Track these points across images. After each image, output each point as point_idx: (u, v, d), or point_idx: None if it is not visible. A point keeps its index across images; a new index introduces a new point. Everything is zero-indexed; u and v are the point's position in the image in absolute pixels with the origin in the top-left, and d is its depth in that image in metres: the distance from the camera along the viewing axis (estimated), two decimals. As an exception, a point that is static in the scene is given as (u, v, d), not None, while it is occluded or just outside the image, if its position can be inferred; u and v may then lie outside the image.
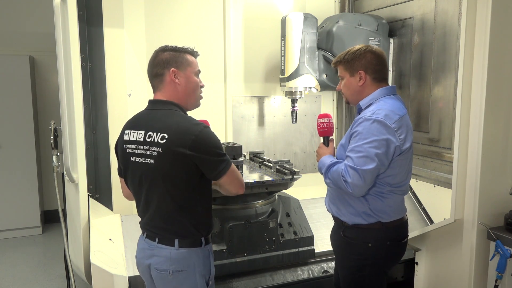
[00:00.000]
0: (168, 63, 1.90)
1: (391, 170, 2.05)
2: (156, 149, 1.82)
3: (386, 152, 1.98)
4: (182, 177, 1.83)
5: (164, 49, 1.94)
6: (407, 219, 2.27)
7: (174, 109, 1.90)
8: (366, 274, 2.15)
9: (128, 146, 1.93)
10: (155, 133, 1.83)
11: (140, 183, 1.92)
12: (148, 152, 1.85)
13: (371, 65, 2.12)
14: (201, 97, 2.04)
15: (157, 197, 1.88)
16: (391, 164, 2.03)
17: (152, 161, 1.84)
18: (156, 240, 1.93)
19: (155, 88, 1.96)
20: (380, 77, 2.15)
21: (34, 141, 5.12)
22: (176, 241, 1.89)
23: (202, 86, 2.02)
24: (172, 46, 1.95)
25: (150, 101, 1.98)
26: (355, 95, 2.18)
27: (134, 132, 1.91)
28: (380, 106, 2.05)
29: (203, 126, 1.83)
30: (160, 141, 1.81)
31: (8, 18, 5.19)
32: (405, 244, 2.25)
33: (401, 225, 2.21)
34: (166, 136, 1.80)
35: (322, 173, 2.19)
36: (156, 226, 1.94)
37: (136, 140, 1.89)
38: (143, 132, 1.87)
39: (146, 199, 1.93)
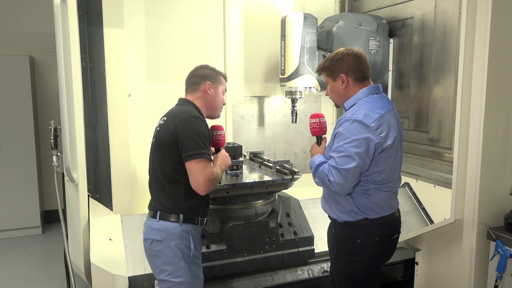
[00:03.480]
0: (207, 77, 2.32)
1: (374, 168, 2.08)
2: (158, 128, 2.22)
3: (367, 151, 2.02)
4: (169, 152, 2.13)
5: (206, 67, 2.38)
6: (398, 215, 2.28)
7: (188, 105, 2.26)
8: (356, 270, 2.18)
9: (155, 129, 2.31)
10: (163, 117, 2.23)
11: (149, 161, 2.29)
12: (156, 130, 2.24)
13: (350, 67, 2.17)
14: (220, 111, 2.41)
15: (153, 167, 2.23)
16: (374, 161, 2.07)
17: (154, 139, 2.24)
18: (149, 214, 2.26)
19: (188, 92, 2.35)
20: (361, 77, 2.19)
21: (34, 141, 5.11)
22: (158, 213, 2.18)
23: (224, 104, 2.42)
24: (212, 67, 2.40)
25: (179, 99, 2.36)
26: (341, 98, 2.24)
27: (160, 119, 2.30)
28: (360, 107, 2.10)
29: (194, 115, 2.14)
30: (161, 122, 2.22)
31: (8, 18, 5.19)
32: (395, 240, 2.27)
33: (390, 222, 2.22)
34: (165, 119, 2.20)
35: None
36: (153, 197, 2.27)
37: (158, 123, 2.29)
38: (164, 119, 2.25)
39: (151, 171, 2.26)
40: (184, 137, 2.07)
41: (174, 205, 2.16)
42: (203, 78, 2.31)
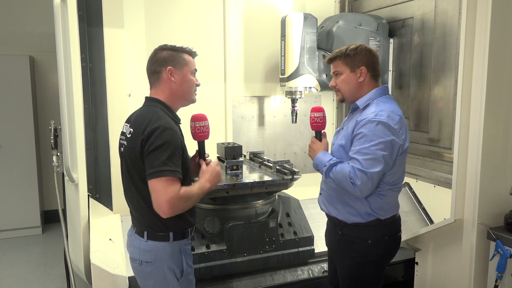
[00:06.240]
0: (166, 62, 1.96)
1: (392, 169, 2.08)
2: (125, 142, 1.95)
3: (391, 153, 2.01)
4: (141, 171, 1.87)
5: (163, 48, 2.00)
6: (399, 214, 2.30)
7: (155, 105, 1.96)
8: (365, 271, 2.17)
9: (120, 137, 2.06)
10: (129, 127, 1.95)
11: (122, 172, 2.04)
12: (122, 142, 1.99)
13: (371, 63, 2.15)
14: (195, 95, 2.08)
15: (128, 187, 1.98)
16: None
17: (123, 150, 1.98)
18: (134, 229, 2.03)
19: (151, 85, 2.03)
20: (377, 75, 2.19)
21: (34, 141, 5.11)
22: (145, 233, 1.95)
23: (197, 85, 2.07)
24: (171, 46, 2.01)
25: (145, 98, 2.06)
26: (354, 91, 2.17)
27: (125, 125, 2.03)
28: (381, 107, 2.06)
29: (158, 125, 1.82)
30: (128, 134, 1.94)
31: (8, 18, 5.19)
32: (400, 238, 2.28)
33: (396, 220, 2.25)
34: (132, 131, 1.91)
35: (319, 170, 2.19)
36: (133, 215, 2.04)
37: (123, 132, 2.02)
38: (128, 125, 1.99)
39: (124, 187, 2.03)
40: (146, 153, 1.82)
41: (160, 223, 1.92)
42: (163, 64, 1.95)
